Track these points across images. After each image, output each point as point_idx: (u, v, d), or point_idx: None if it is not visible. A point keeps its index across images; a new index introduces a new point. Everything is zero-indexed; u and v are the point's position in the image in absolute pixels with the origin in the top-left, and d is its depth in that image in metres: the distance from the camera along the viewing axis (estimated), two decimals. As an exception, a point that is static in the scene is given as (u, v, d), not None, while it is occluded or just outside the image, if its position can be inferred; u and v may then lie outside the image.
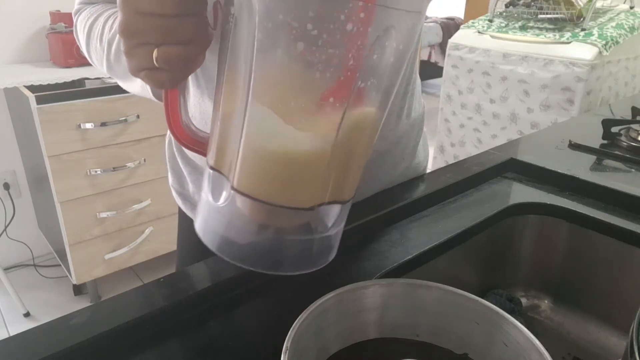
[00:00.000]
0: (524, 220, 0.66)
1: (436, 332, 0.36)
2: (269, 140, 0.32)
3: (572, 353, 0.61)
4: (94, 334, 0.39)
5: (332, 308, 0.35)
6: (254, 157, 0.33)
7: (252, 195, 0.33)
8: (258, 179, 0.33)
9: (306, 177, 0.33)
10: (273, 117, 0.31)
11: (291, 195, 0.34)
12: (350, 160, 0.35)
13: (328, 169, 0.33)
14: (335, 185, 0.35)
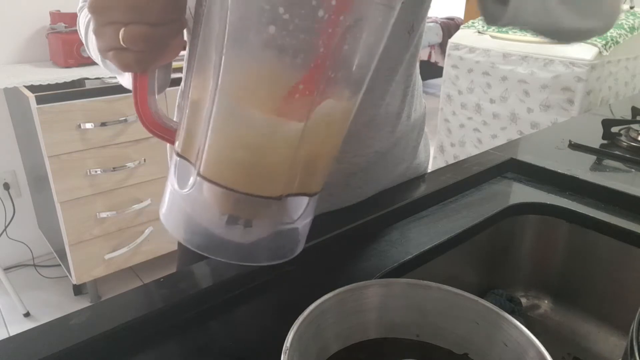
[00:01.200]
0: (524, 220, 0.66)
1: (436, 332, 0.36)
2: (237, 127, 0.32)
3: (572, 353, 0.61)
4: (94, 334, 0.39)
5: (332, 308, 0.35)
6: (221, 143, 0.32)
7: (218, 182, 0.33)
8: (224, 165, 0.33)
9: (273, 165, 0.33)
10: (241, 103, 0.31)
11: (257, 183, 0.33)
12: (318, 151, 0.35)
13: (296, 159, 0.33)
14: (303, 176, 0.35)
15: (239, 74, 0.31)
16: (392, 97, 0.58)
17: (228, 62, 0.31)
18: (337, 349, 0.35)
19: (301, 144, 0.32)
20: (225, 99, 0.31)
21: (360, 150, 0.58)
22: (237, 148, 0.32)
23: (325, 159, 0.36)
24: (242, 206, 0.34)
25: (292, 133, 0.32)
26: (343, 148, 0.57)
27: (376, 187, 0.64)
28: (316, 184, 0.37)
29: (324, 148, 0.35)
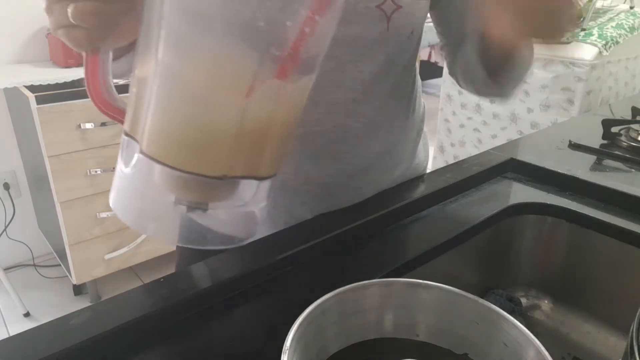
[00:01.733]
0: (524, 220, 0.65)
1: (436, 332, 0.36)
2: (177, 103, 0.31)
3: (572, 353, 0.61)
4: (94, 334, 0.39)
5: (332, 308, 0.35)
6: (161, 120, 0.32)
7: (158, 159, 0.32)
8: (164, 142, 0.33)
9: (212, 143, 0.32)
10: (179, 78, 0.31)
11: (198, 162, 0.32)
12: (264, 132, 0.34)
13: (238, 138, 0.32)
14: (250, 157, 0.34)
15: (176, 49, 0.31)
16: (391, 98, 0.58)
17: (166, 36, 0.30)
18: (336, 349, 0.35)
19: (244, 123, 0.32)
20: (165, 75, 0.31)
21: (360, 151, 0.58)
22: (177, 124, 0.32)
23: (273, 141, 0.35)
24: (185, 186, 0.33)
25: (232, 111, 0.31)
26: (342, 148, 0.57)
27: (376, 188, 0.64)
28: (266, 167, 0.36)
29: (271, 129, 0.34)
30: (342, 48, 0.51)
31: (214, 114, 0.31)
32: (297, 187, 0.58)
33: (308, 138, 0.55)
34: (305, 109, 0.53)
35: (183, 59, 0.31)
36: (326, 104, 0.53)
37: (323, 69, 0.51)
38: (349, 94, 0.54)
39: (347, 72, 0.53)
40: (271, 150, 0.36)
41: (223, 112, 0.31)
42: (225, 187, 0.34)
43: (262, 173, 0.36)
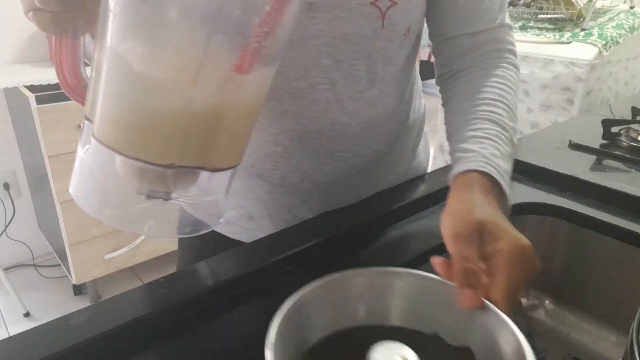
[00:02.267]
0: (524, 220, 0.65)
1: (408, 316, 0.38)
2: (123, 88, 0.32)
3: (572, 353, 0.61)
4: (94, 334, 0.39)
5: (309, 302, 0.36)
6: (110, 104, 0.32)
7: (108, 144, 0.32)
8: (112, 127, 0.33)
9: (158, 130, 0.32)
10: (126, 63, 0.31)
11: (143, 148, 0.32)
12: (215, 124, 0.34)
13: (186, 127, 0.32)
14: (199, 148, 0.34)
15: (126, 35, 0.31)
16: (390, 97, 0.58)
17: (115, 22, 0.31)
18: (316, 341, 0.36)
19: (192, 112, 0.32)
20: (113, 59, 0.31)
21: (359, 150, 0.58)
22: (124, 110, 0.32)
23: (226, 133, 0.35)
24: (140, 173, 0.33)
25: (179, 99, 0.31)
26: (340, 147, 0.57)
27: (375, 188, 0.64)
28: (219, 159, 0.36)
29: (223, 121, 0.34)
30: (337, 46, 0.51)
31: (160, 102, 0.31)
32: (297, 186, 0.58)
33: (306, 136, 0.55)
34: (302, 106, 0.53)
35: (130, 44, 0.31)
36: (323, 101, 0.53)
37: (319, 66, 0.52)
38: (345, 92, 0.54)
39: (343, 69, 0.52)
40: (225, 142, 0.35)
41: (169, 100, 0.31)
42: (178, 175, 0.34)
43: (215, 164, 0.35)
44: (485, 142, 0.48)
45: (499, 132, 0.50)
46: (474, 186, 0.45)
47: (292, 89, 0.52)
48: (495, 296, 0.35)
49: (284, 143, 0.56)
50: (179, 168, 0.33)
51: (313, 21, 0.49)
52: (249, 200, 0.61)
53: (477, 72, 0.56)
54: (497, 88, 0.53)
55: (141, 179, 0.33)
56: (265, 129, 0.55)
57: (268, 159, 0.57)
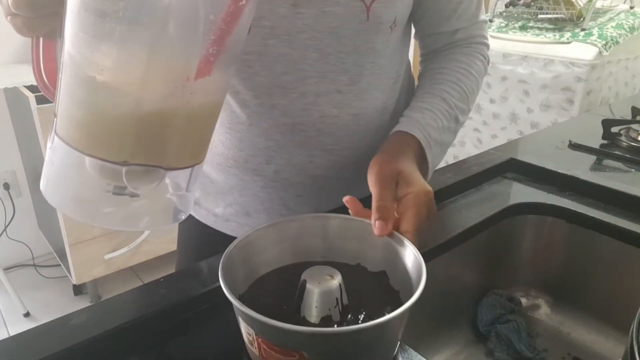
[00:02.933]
0: (524, 220, 0.66)
1: (336, 251, 0.45)
2: (76, 88, 0.33)
3: (572, 353, 0.61)
4: (94, 334, 0.39)
5: (255, 240, 0.43)
6: (66, 101, 0.34)
7: (66, 140, 0.34)
8: (68, 123, 0.34)
9: (109, 128, 0.33)
10: (78, 65, 0.32)
11: (96, 145, 0.34)
12: (168, 127, 0.35)
13: (136, 126, 0.33)
14: (153, 148, 0.35)
15: (74, 33, 0.32)
16: (379, 91, 0.59)
17: (68, 26, 0.32)
18: (260, 274, 0.43)
19: (141, 112, 0.33)
20: (69, 60, 0.33)
21: (350, 143, 0.59)
22: (77, 107, 0.33)
23: (179, 136, 0.36)
24: (101, 169, 0.34)
25: (128, 99, 0.32)
26: (331, 140, 0.57)
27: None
28: (172, 159, 0.36)
29: (175, 125, 0.35)
30: (323, 39, 0.52)
31: (109, 104, 0.33)
32: (290, 179, 0.59)
33: (297, 128, 0.55)
34: (291, 99, 0.54)
35: (79, 49, 0.32)
36: (312, 94, 0.54)
37: (306, 60, 0.52)
38: (333, 85, 0.54)
39: (330, 62, 0.53)
40: (178, 144, 0.36)
41: (117, 103, 0.33)
42: (131, 172, 0.35)
43: (170, 164, 0.36)
44: (426, 112, 0.55)
45: (442, 107, 0.56)
46: (403, 145, 0.53)
47: (281, 82, 0.53)
48: (404, 228, 0.43)
49: (275, 137, 0.56)
50: (133, 165, 0.34)
51: (299, 16, 0.50)
52: (245, 196, 0.62)
53: (445, 57, 0.62)
54: (457, 72, 0.60)
55: (102, 175, 0.35)
56: (257, 123, 0.56)
57: (261, 153, 0.58)
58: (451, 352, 0.61)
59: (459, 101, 0.58)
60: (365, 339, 0.34)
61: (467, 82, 0.59)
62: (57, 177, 0.37)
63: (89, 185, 0.35)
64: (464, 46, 0.63)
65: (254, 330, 0.34)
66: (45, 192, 0.36)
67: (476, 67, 0.61)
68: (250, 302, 0.34)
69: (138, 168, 0.34)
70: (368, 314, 0.38)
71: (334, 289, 0.36)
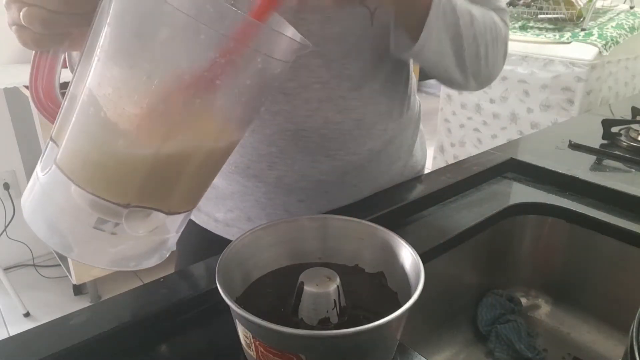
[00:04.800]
0: (524, 220, 0.66)
1: (333, 253, 0.45)
2: (92, 127, 0.33)
3: (572, 353, 0.61)
4: (94, 334, 0.39)
5: (251, 243, 0.42)
6: (77, 137, 0.34)
7: (68, 174, 0.34)
8: (75, 160, 0.34)
9: (122, 173, 0.34)
10: (99, 106, 0.32)
11: (103, 186, 0.34)
12: (178, 173, 0.35)
13: (148, 173, 0.34)
14: (160, 192, 0.35)
15: (102, 80, 0.32)
16: (382, 95, 0.58)
17: (99, 66, 0.32)
18: (260, 275, 0.43)
19: (156, 160, 0.33)
20: (89, 98, 0.32)
21: (353, 148, 0.58)
22: (91, 147, 0.33)
23: (187, 182, 0.37)
24: (92, 204, 0.34)
25: (147, 149, 0.33)
26: (334, 145, 0.57)
27: (372, 186, 0.63)
28: (175, 203, 0.37)
29: (185, 171, 0.36)
30: (327, 45, 0.51)
31: (125, 149, 0.33)
32: (292, 185, 0.59)
33: (300, 134, 0.55)
34: (295, 105, 0.53)
35: (106, 91, 0.32)
36: (315, 100, 0.54)
37: (310, 66, 0.52)
38: (337, 91, 0.54)
39: (334, 69, 0.53)
40: (183, 189, 0.37)
41: (135, 149, 0.33)
42: (132, 214, 0.35)
43: (171, 208, 0.37)
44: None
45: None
46: None
47: (284, 89, 0.53)
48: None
49: (278, 143, 0.56)
50: (135, 208, 0.34)
51: (303, 22, 0.50)
52: (247, 202, 0.61)
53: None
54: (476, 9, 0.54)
55: (93, 208, 0.34)
56: (260, 129, 0.55)
57: (263, 159, 0.57)
58: (451, 352, 0.61)
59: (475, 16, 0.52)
60: (364, 341, 0.34)
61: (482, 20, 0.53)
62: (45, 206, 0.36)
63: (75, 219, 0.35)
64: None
65: (251, 333, 0.34)
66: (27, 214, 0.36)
67: (492, 19, 0.56)
68: (248, 305, 0.34)
69: (139, 211, 0.35)
70: (366, 315, 0.38)
71: (331, 290, 0.36)
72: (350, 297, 0.38)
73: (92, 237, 0.36)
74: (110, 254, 0.37)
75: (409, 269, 0.40)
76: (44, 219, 0.36)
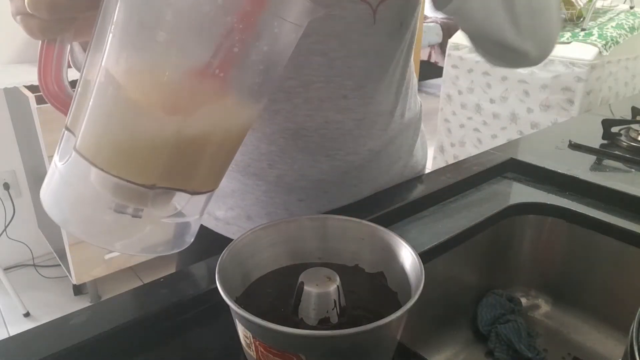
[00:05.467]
0: (524, 220, 0.66)
1: (333, 253, 0.45)
2: (112, 109, 0.32)
3: (572, 353, 0.61)
4: (94, 334, 0.39)
5: (251, 243, 0.42)
6: (96, 121, 0.33)
7: (89, 159, 0.33)
8: (96, 143, 0.33)
9: (144, 152, 0.33)
10: (118, 85, 0.31)
11: (127, 167, 0.33)
12: (202, 151, 0.35)
13: (171, 151, 0.33)
14: (182, 171, 0.35)
15: (122, 62, 0.32)
16: (384, 95, 0.58)
17: (113, 46, 0.31)
18: (260, 275, 0.43)
19: (179, 138, 0.32)
20: (107, 78, 0.32)
21: (354, 148, 0.58)
22: (111, 130, 0.33)
23: (209, 158, 0.36)
24: (114, 188, 0.34)
25: (169, 125, 0.32)
26: (334, 145, 0.57)
27: (372, 186, 0.63)
28: (199, 182, 0.37)
29: (207, 147, 0.35)
30: (329, 43, 0.51)
31: (147, 127, 0.32)
32: (293, 184, 0.59)
33: (300, 134, 0.55)
34: (296, 104, 0.53)
35: (125, 67, 0.32)
36: (316, 99, 0.53)
37: (311, 64, 0.52)
38: (339, 90, 0.54)
39: (336, 67, 0.53)
40: (206, 167, 0.36)
41: (157, 126, 0.32)
42: (157, 195, 0.34)
43: (196, 188, 0.36)
44: None
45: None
46: None
47: (285, 87, 0.52)
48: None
49: (278, 142, 0.56)
50: (159, 189, 0.34)
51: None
52: (247, 200, 0.61)
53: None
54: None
55: (115, 194, 0.34)
56: (260, 128, 0.55)
57: (263, 158, 0.57)
58: (451, 352, 0.61)
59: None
60: (364, 341, 0.34)
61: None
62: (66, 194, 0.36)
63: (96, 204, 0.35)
64: None
65: (251, 333, 0.34)
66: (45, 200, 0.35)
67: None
68: (248, 305, 0.34)
69: (164, 191, 0.34)
70: (366, 315, 0.38)
71: (331, 291, 0.36)
72: (350, 297, 0.39)
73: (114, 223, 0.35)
74: (136, 240, 0.37)
75: (409, 269, 0.40)
76: (65, 207, 0.36)
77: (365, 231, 0.44)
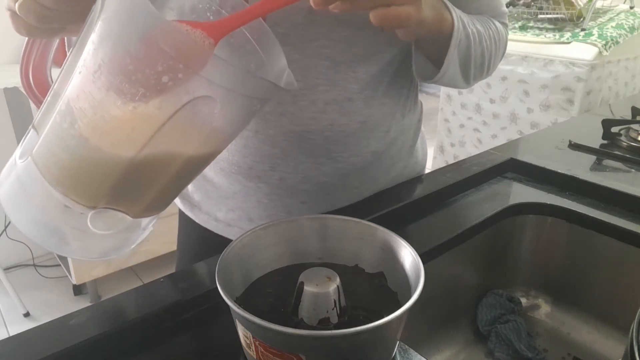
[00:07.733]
0: (524, 220, 0.66)
1: (333, 252, 0.45)
2: (67, 135, 0.34)
3: (572, 353, 0.61)
4: (94, 334, 0.39)
5: (251, 242, 0.42)
6: (52, 141, 0.35)
7: (41, 170, 0.35)
8: (50, 160, 0.35)
9: (90, 179, 0.35)
10: (74, 118, 0.33)
11: (72, 188, 0.35)
12: (148, 184, 0.36)
13: (118, 182, 0.34)
14: (128, 199, 0.36)
15: (77, 92, 0.33)
16: (386, 97, 0.58)
17: (79, 78, 0.32)
18: (260, 275, 0.43)
19: (127, 172, 0.34)
20: (66, 107, 0.33)
21: (356, 150, 0.58)
22: (64, 152, 0.34)
23: (157, 191, 0.38)
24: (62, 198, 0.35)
25: (116, 164, 0.34)
26: (338, 147, 0.57)
27: (373, 187, 0.64)
28: (143, 210, 0.38)
29: (153, 184, 0.37)
30: (337, 48, 0.52)
31: (97, 160, 0.34)
32: (295, 186, 0.58)
33: (304, 136, 0.55)
34: (301, 107, 0.53)
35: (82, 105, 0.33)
36: (321, 102, 0.54)
37: (317, 68, 0.52)
38: (344, 93, 0.54)
39: (342, 71, 0.53)
40: (153, 197, 0.38)
41: (106, 162, 0.34)
42: (99, 213, 0.36)
43: (138, 214, 0.38)
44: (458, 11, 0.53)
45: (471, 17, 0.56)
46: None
47: (291, 90, 0.52)
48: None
49: (281, 144, 0.56)
50: (101, 209, 0.36)
51: (314, 24, 0.50)
52: (248, 202, 0.61)
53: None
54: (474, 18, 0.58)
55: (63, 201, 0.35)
56: (264, 130, 0.55)
57: (266, 160, 0.57)
58: (451, 352, 0.61)
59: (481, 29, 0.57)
60: (364, 341, 0.34)
61: (486, 31, 0.58)
62: (18, 192, 0.37)
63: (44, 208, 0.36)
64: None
65: (251, 333, 0.34)
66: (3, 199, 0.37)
67: (495, 27, 0.60)
68: (248, 305, 0.34)
69: (105, 211, 0.36)
70: (366, 315, 0.38)
71: (331, 291, 0.36)
72: (350, 297, 0.38)
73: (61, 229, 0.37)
74: (77, 245, 0.38)
75: (409, 269, 0.40)
76: (19, 206, 0.37)
77: (365, 231, 0.44)
